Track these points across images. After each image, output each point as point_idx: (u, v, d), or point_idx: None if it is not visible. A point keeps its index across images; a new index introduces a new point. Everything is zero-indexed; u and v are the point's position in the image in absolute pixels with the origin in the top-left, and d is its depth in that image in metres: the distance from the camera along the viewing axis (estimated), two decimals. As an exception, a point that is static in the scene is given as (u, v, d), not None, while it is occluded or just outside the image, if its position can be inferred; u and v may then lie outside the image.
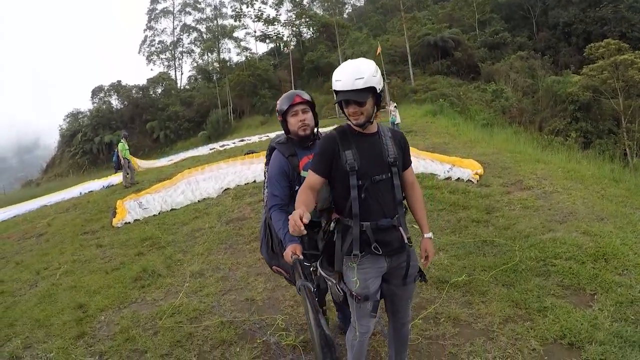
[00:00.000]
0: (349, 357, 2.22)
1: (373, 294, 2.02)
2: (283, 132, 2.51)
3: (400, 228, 2.01)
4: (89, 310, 4.28)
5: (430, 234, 2.16)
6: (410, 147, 7.99)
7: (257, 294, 4.03)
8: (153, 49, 54.91)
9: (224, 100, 43.86)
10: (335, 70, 1.96)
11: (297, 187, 2.27)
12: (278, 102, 2.46)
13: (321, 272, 2.07)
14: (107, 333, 3.75)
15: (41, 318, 4.31)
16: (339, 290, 2.01)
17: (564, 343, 2.62)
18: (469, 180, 7.10)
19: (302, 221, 1.66)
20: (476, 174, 7.24)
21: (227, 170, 10.89)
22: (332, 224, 2.08)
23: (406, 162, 2.12)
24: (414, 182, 2.18)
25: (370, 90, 1.88)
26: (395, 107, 15.91)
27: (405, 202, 2.17)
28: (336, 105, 2.04)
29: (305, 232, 1.66)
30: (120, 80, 50.45)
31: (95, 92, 50.50)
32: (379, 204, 1.97)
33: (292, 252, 1.81)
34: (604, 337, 2.58)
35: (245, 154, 12.86)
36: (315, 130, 2.45)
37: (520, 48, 32.71)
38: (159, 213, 8.14)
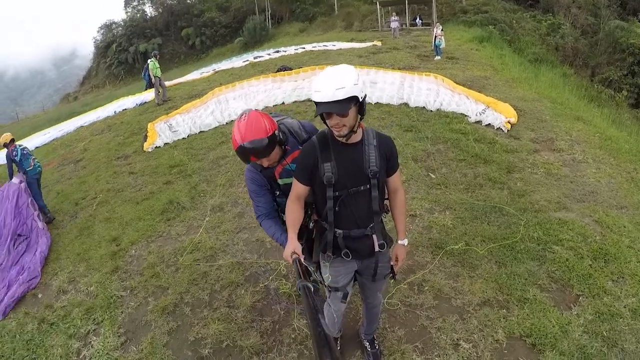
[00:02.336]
0: (325, 319, 2.46)
1: (343, 286, 2.22)
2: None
3: (374, 236, 2.09)
4: (121, 243, 4.84)
5: (404, 241, 2.21)
6: (446, 80, 7.63)
7: (267, 237, 4.35)
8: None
9: (262, 5, 41.53)
10: (317, 78, 1.87)
11: (277, 192, 2.33)
12: (234, 146, 2.10)
13: (303, 261, 2.25)
14: (137, 268, 4.28)
15: (81, 251, 4.92)
16: (316, 277, 2.19)
17: (527, 342, 2.71)
18: (499, 128, 6.84)
19: (292, 257, 1.82)
20: (508, 122, 6.94)
21: (257, 89, 10.76)
22: (312, 223, 2.23)
23: (390, 169, 2.11)
24: (398, 188, 2.18)
25: (352, 99, 1.81)
26: (442, 30, 14.66)
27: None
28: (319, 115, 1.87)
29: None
30: (154, -13, 48.28)
31: (128, 1, 48.89)
32: (352, 214, 2.04)
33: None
34: (568, 347, 2.63)
35: (276, 71, 12.60)
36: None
37: None
38: (187, 136, 8.41)
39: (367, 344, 2.74)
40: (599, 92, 12.61)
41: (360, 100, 1.85)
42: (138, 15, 48.36)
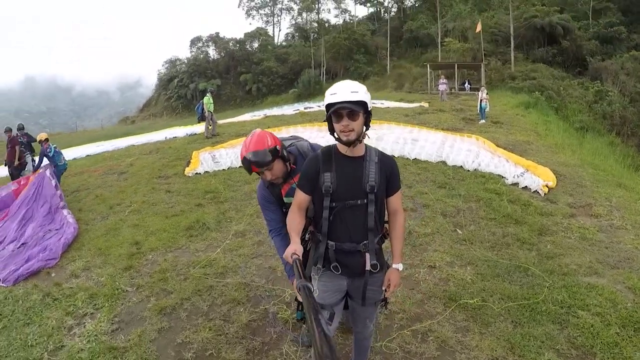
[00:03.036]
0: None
1: (329, 305, 2.14)
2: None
3: (367, 254, 2.05)
4: (142, 248, 5.07)
5: (398, 266, 2.13)
6: (487, 142, 7.63)
7: (281, 264, 4.29)
8: (253, 4, 56.11)
9: (318, 61, 44.10)
10: (330, 88, 1.99)
11: (284, 209, 2.40)
12: (241, 156, 2.30)
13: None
14: (149, 270, 4.46)
15: (103, 247, 5.20)
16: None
17: None
18: (535, 191, 6.63)
19: (292, 257, 1.83)
20: (546, 186, 6.74)
21: (302, 135, 11.11)
22: (307, 235, 2.22)
23: (390, 189, 2.10)
24: (398, 210, 2.15)
25: (363, 105, 1.91)
26: (487, 94, 14.84)
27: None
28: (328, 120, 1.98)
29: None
30: (219, 32, 53.05)
31: (194, 41, 53.66)
32: (347, 227, 2.03)
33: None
34: None
35: (324, 121, 13.02)
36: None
37: (636, 47, 27.81)
38: (228, 168, 8.79)
39: None
40: (645, 163, 11.93)
41: (369, 109, 1.96)
42: (201, 55, 52.65)
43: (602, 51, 28.86)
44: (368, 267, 2.05)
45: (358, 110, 1.90)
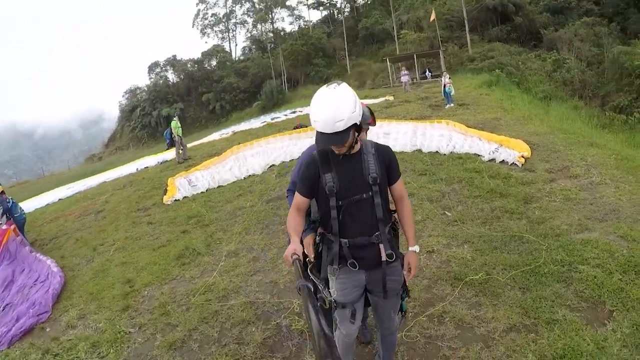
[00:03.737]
0: (338, 349, 2.39)
1: (350, 303, 2.13)
2: None
3: (381, 245, 2.05)
4: (135, 285, 4.87)
5: (415, 248, 2.15)
6: (458, 125, 7.74)
7: (282, 276, 4.32)
8: (206, 22, 55.76)
9: (278, 70, 44.10)
10: (314, 104, 1.92)
11: None
12: None
13: (311, 275, 2.22)
14: (148, 307, 4.28)
15: (94, 292, 4.97)
16: (324, 295, 2.13)
17: None
18: (513, 163, 6.79)
19: (292, 257, 1.82)
20: (522, 157, 6.90)
21: (274, 146, 11.18)
22: (318, 238, 2.21)
23: (392, 177, 2.11)
24: (403, 195, 2.17)
25: (351, 127, 1.89)
26: (449, 78, 15.17)
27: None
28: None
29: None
30: (175, 55, 52.36)
31: (152, 67, 52.79)
32: (357, 223, 2.02)
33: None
34: None
35: (294, 128, 13.05)
36: None
37: (586, 14, 28.98)
38: (206, 190, 8.67)
39: None
40: (611, 120, 12.46)
41: (359, 124, 1.93)
42: (161, 81, 51.79)
43: (555, 22, 29.91)
44: (384, 258, 2.05)
45: (346, 138, 1.89)
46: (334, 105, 1.85)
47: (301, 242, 2.22)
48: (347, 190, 2.00)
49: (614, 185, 5.25)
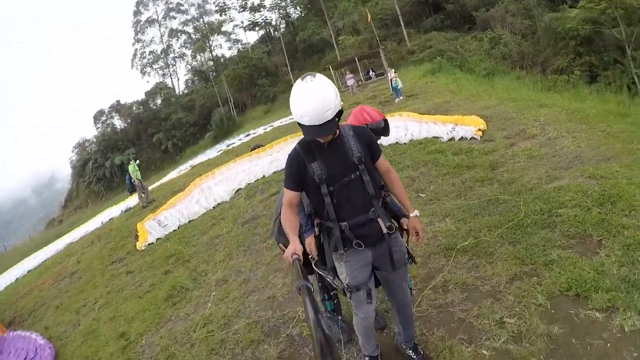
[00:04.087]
0: (359, 339, 2.44)
1: (363, 283, 2.16)
2: None
3: (379, 220, 2.10)
4: (130, 337, 4.61)
5: (415, 212, 2.23)
6: (412, 113, 7.89)
7: (277, 290, 4.23)
8: (145, 61, 55.24)
9: (224, 97, 43.96)
10: (296, 100, 1.93)
11: None
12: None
13: (318, 270, 2.21)
14: (150, 355, 4.06)
15: (89, 354, 4.68)
16: (335, 285, 2.18)
17: (570, 295, 2.63)
18: (472, 137, 7.03)
19: (292, 257, 1.83)
20: (479, 130, 7.15)
21: (236, 170, 11.10)
22: (317, 229, 2.23)
23: (374, 154, 2.18)
24: (388, 168, 2.24)
25: (337, 114, 1.95)
26: (395, 72, 15.68)
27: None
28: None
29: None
30: (119, 100, 51.44)
31: (97, 116, 51.51)
32: (351, 203, 2.07)
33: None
34: (611, 283, 2.57)
35: (251, 150, 12.97)
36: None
37: None
38: (178, 227, 8.50)
39: (411, 351, 2.55)
40: (554, 82, 13.27)
41: (341, 110, 2.00)
42: (109, 129, 50.43)
43: (485, 3, 31.06)
44: (385, 230, 2.10)
45: (336, 126, 1.96)
46: (319, 96, 1.89)
47: (302, 242, 2.23)
48: (335, 174, 2.05)
49: (571, 136, 5.57)
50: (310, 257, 2.30)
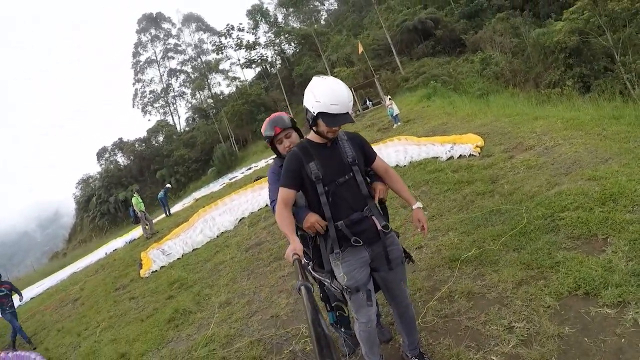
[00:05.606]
0: (362, 349, 2.36)
1: (363, 284, 2.15)
2: None
3: (373, 217, 2.14)
4: (130, 357, 4.55)
5: (418, 204, 2.28)
6: (410, 136, 7.94)
7: (281, 309, 4.17)
8: (146, 100, 56.38)
9: (225, 133, 44.47)
10: (325, 89, 2.05)
11: None
12: (262, 129, 2.68)
13: (315, 274, 2.19)
14: None
15: None
16: (335, 288, 2.15)
17: (579, 294, 2.58)
18: (471, 154, 7.08)
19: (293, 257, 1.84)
20: (477, 146, 7.21)
21: (239, 201, 11.17)
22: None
23: (369, 156, 2.27)
24: (386, 168, 2.32)
25: None
26: (390, 99, 16.02)
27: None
28: (309, 120, 2.13)
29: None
30: (122, 138, 52.10)
31: (100, 154, 52.03)
32: (347, 202, 2.12)
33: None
34: (620, 279, 2.53)
35: (254, 181, 13.10)
36: None
37: (499, 10, 31.64)
38: (182, 256, 8.49)
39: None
40: (548, 96, 13.45)
41: None
42: (112, 166, 50.82)
43: (473, 25, 32.22)
44: (380, 228, 2.13)
45: (349, 115, 2.07)
46: (344, 87, 2.07)
47: (302, 243, 2.21)
48: (331, 174, 2.11)
49: (568, 143, 5.61)
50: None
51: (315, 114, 2.05)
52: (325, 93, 2.03)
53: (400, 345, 2.70)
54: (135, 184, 45.97)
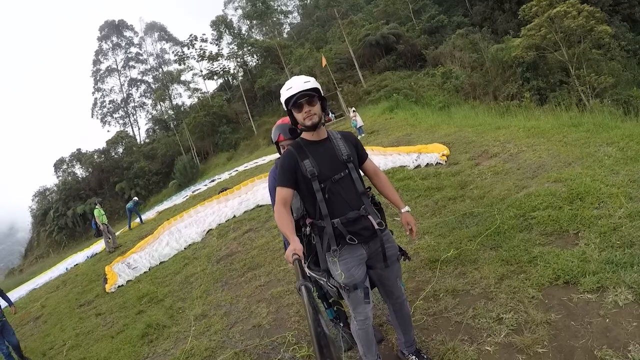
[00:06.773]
0: (359, 349, 2.38)
1: (360, 281, 2.17)
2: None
3: (369, 216, 2.18)
4: None
5: (406, 208, 2.33)
6: (376, 147, 8.07)
7: (262, 319, 4.07)
8: (105, 110, 54.37)
9: (186, 145, 43.50)
10: (284, 87, 2.19)
11: None
12: (272, 131, 2.82)
13: (311, 273, 2.19)
14: None
15: None
16: (331, 287, 2.17)
17: (559, 283, 2.75)
18: (437, 163, 7.32)
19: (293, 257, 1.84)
20: (443, 155, 7.47)
21: (205, 213, 10.93)
22: (308, 228, 2.25)
23: (362, 156, 2.33)
24: (376, 169, 2.38)
25: (317, 91, 2.14)
26: (354, 111, 16.34)
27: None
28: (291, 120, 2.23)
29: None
30: (80, 148, 49.41)
31: (58, 165, 49.11)
32: (343, 199, 2.15)
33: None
34: (596, 267, 2.73)
35: (219, 192, 12.88)
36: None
37: (459, 26, 33.33)
38: (149, 269, 8.15)
39: (414, 357, 2.52)
40: (507, 108, 14.21)
41: (322, 94, 2.17)
42: (70, 178, 48.08)
43: (433, 41, 33.55)
44: (376, 226, 2.17)
45: (314, 95, 2.12)
46: (300, 76, 2.18)
47: (301, 243, 2.21)
48: (326, 171, 2.14)
49: (531, 150, 5.96)
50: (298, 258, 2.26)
51: (286, 108, 2.17)
52: (284, 87, 2.18)
53: (393, 344, 2.74)
54: (96, 197, 43.84)
